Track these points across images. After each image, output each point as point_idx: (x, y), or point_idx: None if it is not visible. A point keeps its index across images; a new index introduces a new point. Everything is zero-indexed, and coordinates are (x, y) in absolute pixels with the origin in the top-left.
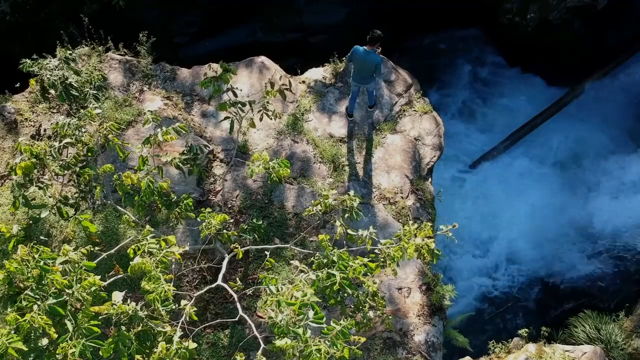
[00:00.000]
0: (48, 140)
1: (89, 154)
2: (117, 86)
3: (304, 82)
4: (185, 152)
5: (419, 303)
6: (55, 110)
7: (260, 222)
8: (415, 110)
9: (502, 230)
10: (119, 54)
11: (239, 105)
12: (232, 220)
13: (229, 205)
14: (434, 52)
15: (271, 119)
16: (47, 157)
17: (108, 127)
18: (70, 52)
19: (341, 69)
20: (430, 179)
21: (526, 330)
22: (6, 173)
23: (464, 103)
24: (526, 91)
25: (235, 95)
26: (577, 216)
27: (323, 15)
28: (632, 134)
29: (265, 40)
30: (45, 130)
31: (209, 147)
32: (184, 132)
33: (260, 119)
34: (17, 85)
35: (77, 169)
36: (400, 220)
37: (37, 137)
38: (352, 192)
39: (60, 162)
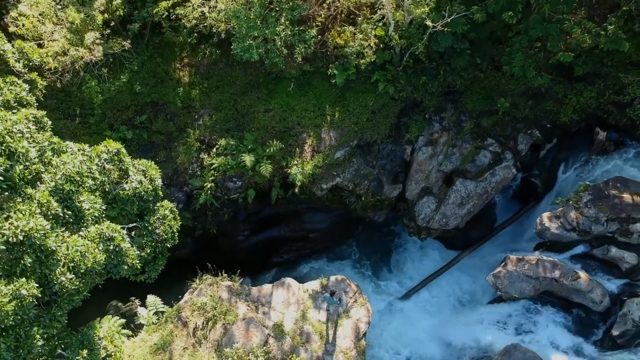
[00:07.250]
0: (201, 331)
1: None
2: (224, 300)
3: (306, 290)
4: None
5: None
6: (204, 316)
7: None
8: (358, 305)
9: (411, 343)
10: (222, 280)
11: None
12: None
13: None
14: (384, 225)
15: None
16: None
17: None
18: (204, 280)
19: (325, 283)
20: (363, 339)
21: None
22: (194, 342)
23: (399, 258)
24: (436, 251)
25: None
26: (457, 336)
27: (316, 223)
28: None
29: (286, 235)
30: (198, 325)
31: (267, 331)
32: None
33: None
34: (180, 297)
35: None
36: None
37: (195, 329)
38: (329, 349)
39: None
